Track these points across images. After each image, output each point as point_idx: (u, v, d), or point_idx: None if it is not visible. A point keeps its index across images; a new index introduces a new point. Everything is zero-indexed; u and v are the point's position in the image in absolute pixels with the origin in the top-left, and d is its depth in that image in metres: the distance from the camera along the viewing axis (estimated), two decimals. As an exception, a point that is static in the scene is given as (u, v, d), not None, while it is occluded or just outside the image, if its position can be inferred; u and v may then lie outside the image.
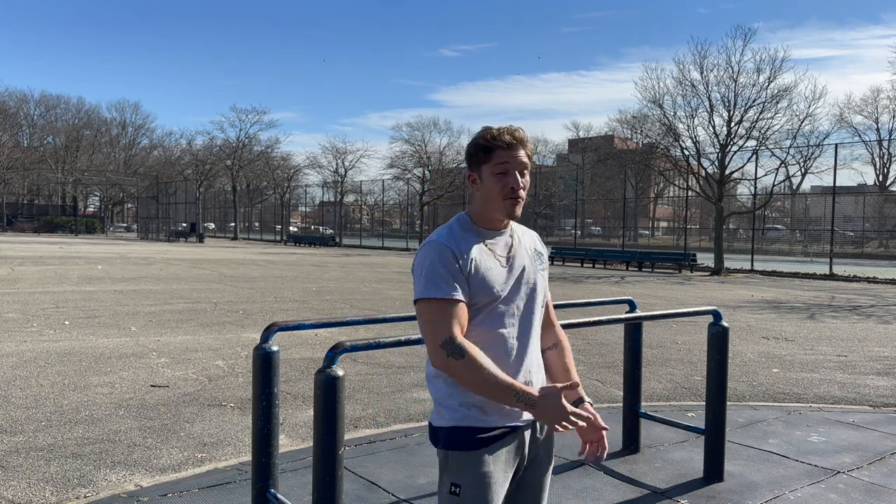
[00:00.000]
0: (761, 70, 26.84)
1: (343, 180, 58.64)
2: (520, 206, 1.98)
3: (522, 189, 1.97)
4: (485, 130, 2.00)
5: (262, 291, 15.25)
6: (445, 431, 1.94)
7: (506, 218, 1.99)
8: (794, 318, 12.72)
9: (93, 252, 30.76)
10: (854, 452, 4.78)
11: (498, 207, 1.97)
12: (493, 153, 1.95)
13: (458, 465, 1.92)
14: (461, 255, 1.91)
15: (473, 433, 1.91)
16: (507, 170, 1.94)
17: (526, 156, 1.99)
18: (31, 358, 7.50)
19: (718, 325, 4.20)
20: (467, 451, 1.91)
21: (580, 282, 21.00)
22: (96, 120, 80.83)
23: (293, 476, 4.12)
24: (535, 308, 2.02)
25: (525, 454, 2.00)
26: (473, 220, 2.01)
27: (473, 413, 1.92)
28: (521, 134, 1.99)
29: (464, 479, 1.91)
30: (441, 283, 1.87)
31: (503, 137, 1.95)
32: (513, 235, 2.05)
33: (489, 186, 1.96)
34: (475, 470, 1.90)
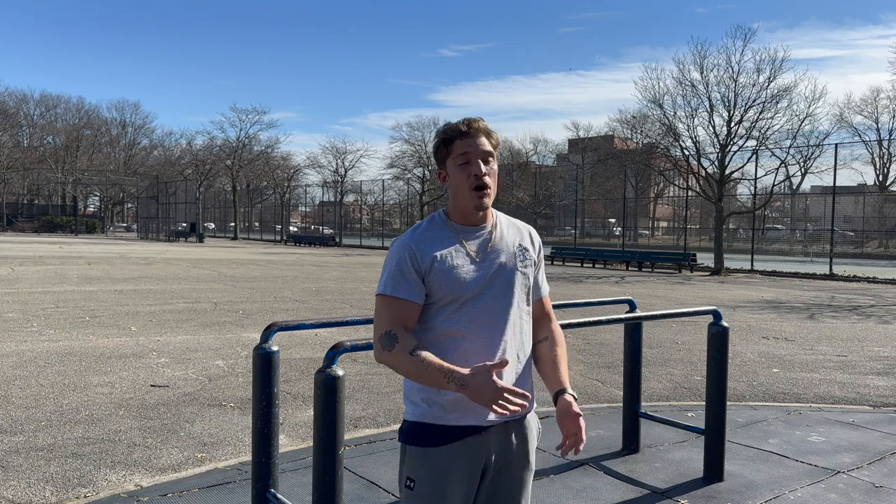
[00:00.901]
0: (761, 70, 26.86)
1: (343, 180, 58.64)
2: (489, 196, 1.94)
3: (487, 176, 1.92)
4: (443, 126, 1.98)
5: (262, 291, 15.25)
6: (406, 425, 1.95)
7: (475, 210, 1.94)
8: (794, 318, 12.72)
9: (93, 252, 30.76)
10: (854, 452, 4.78)
11: (466, 199, 1.93)
12: (453, 144, 1.93)
13: (414, 459, 1.91)
14: (421, 253, 1.89)
15: (432, 430, 1.90)
16: (468, 159, 1.91)
17: (489, 144, 1.94)
18: (31, 358, 7.51)
19: (718, 325, 4.20)
20: (424, 446, 1.90)
21: (580, 281, 21.00)
22: (96, 120, 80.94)
23: (293, 476, 4.12)
24: (510, 305, 1.95)
25: (491, 456, 1.94)
26: (449, 216, 1.99)
27: (435, 410, 1.90)
28: (480, 123, 1.95)
29: (418, 475, 1.90)
30: (390, 281, 1.90)
31: (459, 127, 1.93)
32: (494, 231, 2.00)
33: (455, 179, 1.93)
34: (430, 466, 1.89)
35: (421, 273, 1.89)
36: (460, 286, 1.89)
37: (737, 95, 27.17)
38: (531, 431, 2.04)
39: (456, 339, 1.89)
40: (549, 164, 71.21)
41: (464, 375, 1.75)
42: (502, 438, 1.96)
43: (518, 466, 2.00)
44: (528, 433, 2.02)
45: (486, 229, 1.99)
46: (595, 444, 4.86)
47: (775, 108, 27.04)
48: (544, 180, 49.14)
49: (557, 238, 55.56)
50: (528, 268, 2.02)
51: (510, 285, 1.96)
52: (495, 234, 1.99)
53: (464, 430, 1.89)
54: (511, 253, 1.99)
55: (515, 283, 1.97)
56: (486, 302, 1.91)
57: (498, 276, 1.94)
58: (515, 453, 1.99)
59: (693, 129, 28.16)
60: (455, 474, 1.89)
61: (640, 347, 4.75)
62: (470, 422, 1.89)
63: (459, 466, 1.89)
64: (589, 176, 62.11)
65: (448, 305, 1.90)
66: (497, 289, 1.93)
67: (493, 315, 1.92)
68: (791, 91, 26.84)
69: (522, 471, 2.01)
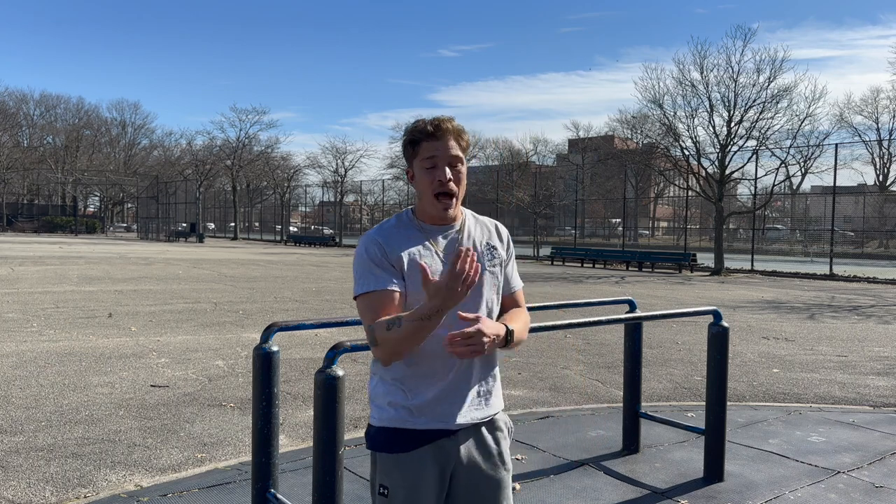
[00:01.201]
0: (761, 70, 26.84)
1: (343, 180, 58.64)
2: (453, 204, 1.89)
3: (452, 182, 1.86)
4: (413, 123, 1.91)
5: (262, 291, 15.25)
6: (374, 431, 1.91)
7: (437, 216, 1.90)
8: (794, 319, 12.72)
9: (93, 252, 30.76)
10: (854, 452, 4.78)
11: (430, 203, 1.89)
12: (420, 146, 1.87)
13: (386, 466, 1.88)
14: (390, 248, 1.86)
15: (401, 434, 1.86)
16: (434, 163, 1.85)
17: (458, 147, 1.87)
18: (31, 358, 7.50)
19: (718, 326, 4.20)
20: (395, 452, 1.87)
21: (580, 282, 20.99)
22: (96, 120, 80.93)
23: (293, 476, 4.12)
24: (479, 305, 1.91)
25: (462, 458, 1.91)
26: (416, 215, 1.94)
27: (401, 414, 1.86)
28: (450, 124, 1.87)
29: (391, 481, 1.87)
30: (362, 280, 1.85)
31: (426, 128, 1.85)
32: (462, 230, 1.95)
33: (420, 181, 1.88)
34: (403, 472, 1.86)
35: (391, 262, 1.85)
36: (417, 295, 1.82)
37: (737, 95, 27.18)
38: (501, 432, 2.01)
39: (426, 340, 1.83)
40: (549, 164, 71.17)
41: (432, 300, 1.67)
42: (473, 439, 1.94)
43: (492, 466, 1.96)
44: (498, 434, 2.00)
45: (454, 229, 1.95)
46: (595, 444, 4.86)
47: (775, 109, 27.06)
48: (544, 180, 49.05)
49: (557, 238, 55.54)
50: (497, 266, 1.98)
51: (479, 285, 1.91)
52: (463, 233, 1.95)
53: (432, 434, 1.87)
54: (479, 252, 1.95)
55: (485, 282, 1.94)
56: None
57: None
58: (487, 453, 1.96)
59: (693, 129, 28.18)
60: (428, 478, 1.86)
61: (640, 347, 4.75)
62: (438, 426, 1.87)
63: (431, 470, 1.87)
64: (589, 176, 62.08)
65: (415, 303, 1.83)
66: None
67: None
68: (791, 91, 26.87)
69: (497, 470, 1.97)
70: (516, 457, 4.54)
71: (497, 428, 2.00)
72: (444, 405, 1.88)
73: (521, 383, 6.86)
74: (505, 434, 2.02)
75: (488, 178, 50.14)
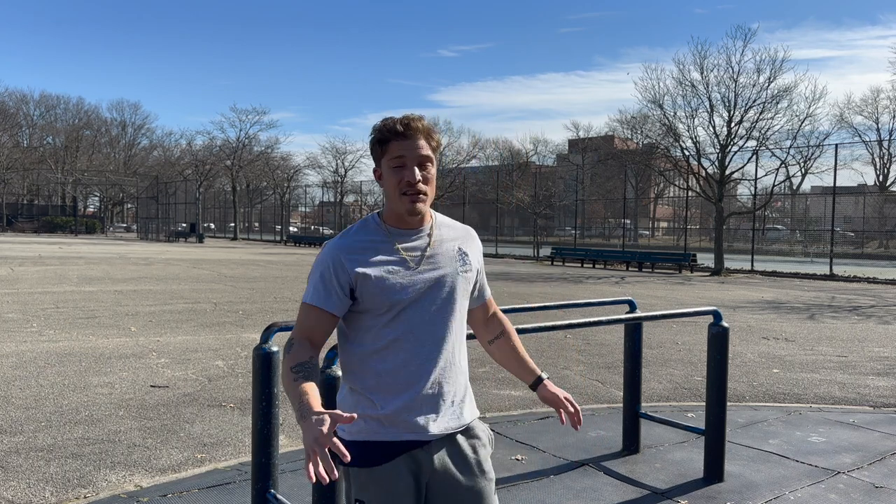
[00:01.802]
0: (761, 70, 26.84)
1: (343, 180, 58.67)
2: (422, 202, 1.82)
3: (422, 183, 1.81)
4: (381, 121, 1.85)
5: (262, 292, 15.25)
6: (345, 445, 1.80)
7: (407, 215, 1.83)
8: (795, 319, 12.72)
9: (92, 252, 30.77)
10: (854, 453, 4.78)
11: (397, 204, 1.82)
12: (389, 145, 1.81)
13: (360, 480, 1.82)
14: (350, 261, 1.80)
15: (373, 447, 1.81)
16: (402, 163, 1.80)
17: (428, 147, 1.82)
18: (31, 358, 7.50)
19: (718, 326, 4.20)
20: (369, 466, 1.81)
21: (580, 282, 21.00)
22: (96, 120, 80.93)
23: (293, 476, 4.12)
24: (452, 312, 1.87)
25: (435, 469, 1.85)
26: (384, 219, 1.88)
27: (372, 426, 1.81)
28: (420, 123, 1.82)
29: (367, 496, 1.81)
30: (311, 290, 1.82)
31: (395, 127, 1.80)
32: (432, 234, 1.89)
33: (388, 182, 1.83)
34: (378, 484, 1.80)
35: (346, 283, 1.79)
36: (395, 293, 1.79)
37: (737, 96, 27.18)
38: (479, 439, 1.94)
39: (395, 347, 1.81)
40: (549, 165, 71.20)
41: (309, 409, 1.59)
42: (448, 448, 1.88)
43: (469, 476, 1.88)
44: (475, 441, 1.93)
45: (423, 233, 1.88)
46: (595, 445, 4.86)
47: (775, 109, 27.07)
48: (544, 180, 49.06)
49: (557, 238, 55.55)
50: (470, 272, 1.93)
51: (451, 291, 1.87)
52: (433, 237, 1.89)
53: (406, 445, 1.82)
54: (450, 257, 1.89)
55: (457, 288, 1.88)
56: (424, 309, 1.82)
57: (437, 283, 1.84)
58: (464, 462, 1.89)
59: (693, 130, 28.19)
60: (404, 489, 1.81)
61: (640, 348, 4.75)
62: (411, 437, 1.82)
63: (406, 481, 1.82)
64: (589, 176, 62.10)
65: (385, 314, 1.80)
66: (436, 295, 1.84)
67: (434, 323, 1.84)
68: (791, 91, 26.87)
69: (475, 479, 1.89)
70: (516, 457, 4.54)
71: (474, 436, 1.94)
72: (415, 416, 1.82)
73: (521, 383, 6.86)
74: (484, 442, 1.95)
75: (488, 179, 50.14)
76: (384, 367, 1.81)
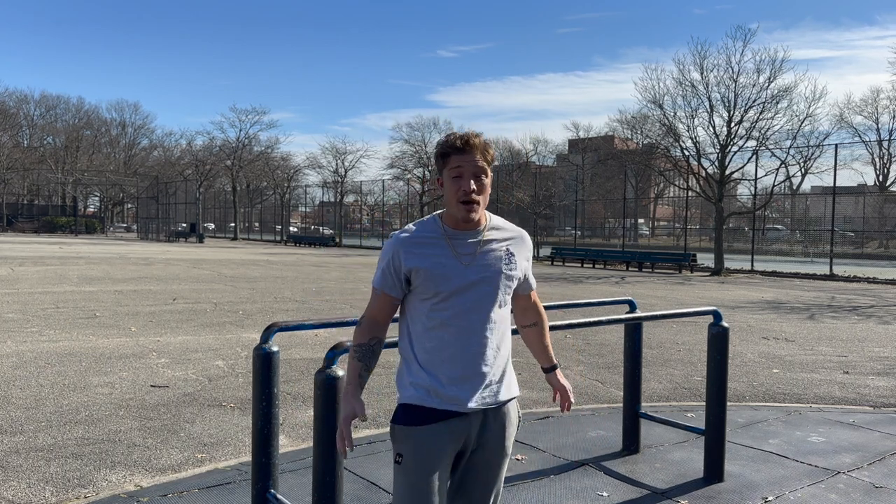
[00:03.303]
0: (761, 70, 26.84)
1: (343, 180, 58.65)
2: (476, 210, 2.08)
3: (476, 193, 2.06)
4: (445, 137, 2.12)
5: (262, 292, 15.25)
6: (397, 407, 2.16)
7: (462, 221, 2.10)
8: (794, 319, 12.72)
9: (93, 252, 30.77)
10: (854, 453, 4.78)
11: (454, 210, 2.09)
12: (450, 158, 2.07)
13: (402, 436, 2.11)
14: (408, 252, 2.09)
15: (418, 411, 2.10)
16: (460, 173, 2.06)
17: (483, 160, 2.08)
18: (31, 358, 7.50)
19: (718, 326, 4.20)
20: (410, 425, 2.09)
21: (580, 282, 21.00)
22: (96, 120, 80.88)
23: (293, 476, 4.12)
24: (494, 304, 2.14)
25: (471, 439, 2.13)
26: (443, 219, 2.15)
27: (420, 393, 2.11)
28: (477, 139, 2.08)
29: (405, 449, 2.10)
30: (379, 275, 2.15)
31: (456, 143, 2.07)
32: (484, 236, 2.14)
33: (447, 189, 2.09)
34: (415, 442, 2.08)
35: (402, 272, 2.10)
36: (443, 283, 2.07)
37: (737, 96, 27.18)
38: (509, 419, 2.21)
39: (441, 329, 2.09)
40: (549, 165, 71.19)
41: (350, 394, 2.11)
42: (482, 423, 2.15)
43: (493, 450, 2.18)
44: (506, 420, 2.20)
45: (477, 235, 2.14)
46: (595, 445, 4.86)
47: (775, 109, 27.07)
48: (544, 180, 49.11)
49: (557, 238, 55.53)
50: (514, 271, 2.19)
51: (495, 287, 2.14)
52: (484, 239, 2.14)
53: (446, 413, 2.09)
54: (498, 257, 2.15)
55: (501, 284, 2.15)
56: (470, 299, 2.10)
57: (483, 279, 2.11)
58: (492, 438, 2.17)
59: (693, 130, 28.19)
60: (437, 451, 2.08)
61: (640, 348, 4.75)
62: (451, 407, 2.09)
63: (441, 444, 2.09)
64: (589, 176, 62.09)
65: (433, 299, 2.09)
66: (481, 289, 2.11)
67: (478, 311, 2.11)
68: (791, 91, 26.87)
69: (497, 455, 2.19)
70: (516, 457, 4.54)
71: (506, 416, 2.20)
72: (456, 390, 2.09)
73: (521, 383, 6.85)
74: (512, 422, 2.22)
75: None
76: (431, 345, 2.11)
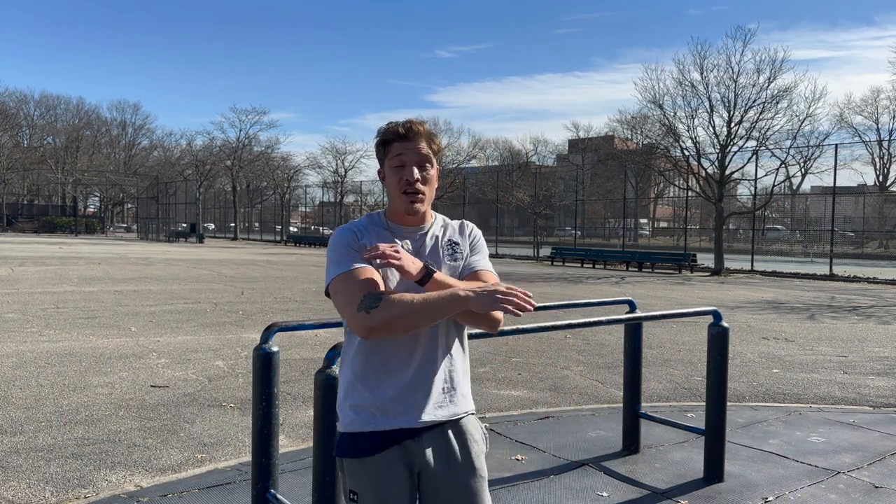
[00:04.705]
0: (761, 70, 26.84)
1: (343, 180, 58.66)
2: (420, 201, 1.92)
3: (420, 182, 1.90)
4: (385, 125, 1.96)
5: (262, 292, 15.25)
6: (339, 437, 1.91)
7: (406, 214, 1.93)
8: (794, 319, 12.72)
9: (93, 252, 30.77)
10: (854, 453, 4.78)
11: (397, 203, 1.93)
12: (391, 146, 1.91)
13: (353, 471, 1.88)
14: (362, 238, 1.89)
15: (365, 438, 1.86)
16: (403, 162, 1.90)
17: (429, 149, 1.92)
18: (31, 358, 7.50)
19: (718, 326, 4.20)
20: (361, 457, 1.86)
21: (580, 282, 21.00)
22: (96, 120, 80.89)
23: (293, 476, 4.12)
24: None
25: (428, 459, 1.89)
26: (387, 216, 1.99)
27: (363, 416, 1.87)
28: (421, 127, 1.92)
29: (360, 486, 1.86)
30: (343, 259, 1.85)
31: (398, 129, 1.91)
32: (428, 233, 1.98)
33: (389, 180, 1.93)
34: (370, 475, 1.85)
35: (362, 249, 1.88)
36: (387, 283, 1.87)
37: (737, 96, 27.17)
38: (471, 435, 1.97)
39: None
40: (549, 165, 71.19)
41: (460, 287, 1.78)
42: (439, 442, 1.91)
43: (462, 472, 1.92)
44: (467, 437, 1.95)
45: (422, 231, 1.98)
46: (595, 445, 4.86)
47: (775, 109, 27.06)
48: (544, 181, 49.08)
49: (557, 238, 55.52)
50: (458, 260, 1.99)
51: None
52: (429, 235, 1.98)
53: (396, 435, 1.86)
54: (440, 250, 1.98)
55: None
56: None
57: None
58: (453, 459, 1.92)
59: (693, 130, 28.19)
60: (396, 480, 1.86)
61: (640, 348, 4.75)
62: (402, 424, 1.86)
63: (398, 473, 1.86)
64: (589, 176, 62.09)
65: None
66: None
67: None
68: (791, 91, 26.86)
69: (468, 477, 1.93)
70: (516, 457, 4.54)
71: (466, 432, 1.96)
72: (405, 402, 1.87)
73: (521, 383, 6.86)
74: (476, 439, 1.98)
75: (488, 179, 50.13)
76: (374, 354, 1.87)
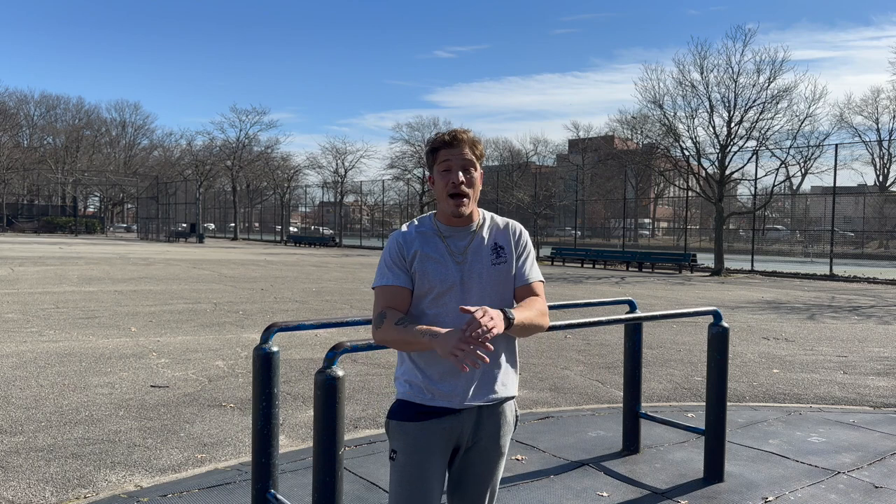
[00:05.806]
0: (761, 70, 26.82)
1: (343, 181, 58.62)
2: (465, 204, 2.09)
3: (465, 185, 2.08)
4: (434, 135, 2.15)
5: (262, 292, 15.24)
6: (393, 404, 2.18)
7: (452, 216, 2.11)
8: (794, 319, 12.72)
9: (92, 252, 30.76)
10: (854, 453, 4.78)
11: (444, 205, 2.12)
12: (438, 153, 2.10)
13: (395, 433, 2.13)
14: (408, 247, 2.11)
15: (412, 407, 2.12)
16: (449, 167, 2.09)
17: (472, 154, 2.10)
18: (31, 358, 7.50)
19: (718, 326, 4.20)
20: (403, 421, 2.11)
21: (580, 282, 20.99)
22: (96, 120, 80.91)
23: (293, 476, 4.12)
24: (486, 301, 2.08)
25: (465, 436, 2.13)
26: (437, 217, 2.18)
27: (415, 390, 2.12)
28: (465, 135, 2.10)
29: (399, 446, 2.12)
30: (381, 273, 2.13)
31: (444, 138, 2.10)
32: (477, 231, 2.16)
33: (437, 185, 2.12)
34: (408, 438, 2.10)
35: (406, 262, 2.11)
36: (437, 280, 2.08)
37: (737, 96, 27.16)
38: (504, 418, 2.20)
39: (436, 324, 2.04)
40: (550, 165, 71.18)
41: (437, 332, 1.92)
42: (475, 421, 2.14)
43: (487, 449, 2.17)
44: (500, 419, 2.18)
45: (469, 230, 2.15)
46: (595, 445, 4.86)
47: (775, 109, 27.03)
48: (544, 180, 49.12)
49: (557, 238, 55.51)
50: (503, 263, 2.15)
51: (487, 282, 2.13)
52: (476, 235, 2.16)
53: (439, 410, 2.10)
54: (487, 251, 2.14)
55: (492, 279, 2.13)
56: (462, 295, 2.09)
57: (475, 275, 2.11)
58: (486, 436, 2.16)
59: (693, 130, 28.16)
60: (429, 447, 2.09)
61: (640, 348, 4.75)
62: (444, 403, 2.09)
63: (433, 440, 2.09)
64: (589, 176, 62.09)
65: (427, 295, 2.10)
66: (473, 284, 2.11)
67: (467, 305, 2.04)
68: (791, 91, 26.84)
69: (491, 454, 2.18)
70: (516, 457, 4.54)
71: (500, 414, 2.18)
72: (449, 387, 2.09)
73: (521, 383, 6.86)
74: (508, 422, 2.21)
75: (488, 179, 50.10)
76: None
